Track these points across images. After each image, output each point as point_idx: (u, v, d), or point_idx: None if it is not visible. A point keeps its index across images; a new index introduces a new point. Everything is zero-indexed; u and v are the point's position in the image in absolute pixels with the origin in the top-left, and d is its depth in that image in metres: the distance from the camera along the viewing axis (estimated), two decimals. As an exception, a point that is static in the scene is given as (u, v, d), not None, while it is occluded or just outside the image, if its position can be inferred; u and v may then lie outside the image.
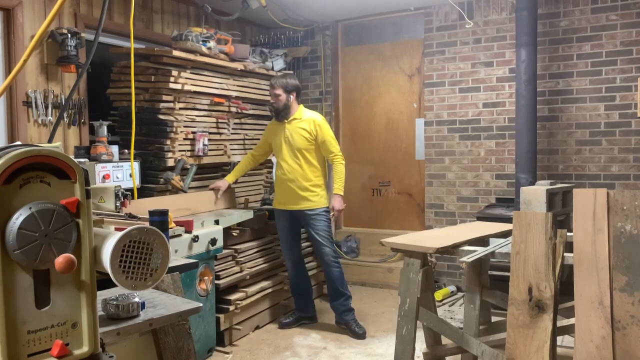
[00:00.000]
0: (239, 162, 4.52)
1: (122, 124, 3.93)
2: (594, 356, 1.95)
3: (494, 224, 3.17)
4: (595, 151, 4.44)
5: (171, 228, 3.01)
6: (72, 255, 0.97)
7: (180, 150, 3.95)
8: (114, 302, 1.61)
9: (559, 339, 3.05)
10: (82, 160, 3.26)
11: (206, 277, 3.42)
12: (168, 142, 3.86)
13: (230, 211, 4.03)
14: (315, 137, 3.92)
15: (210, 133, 4.20)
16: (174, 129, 3.88)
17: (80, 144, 3.75)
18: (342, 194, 3.97)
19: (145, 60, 3.86)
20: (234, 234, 3.84)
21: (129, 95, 3.69)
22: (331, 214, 4.03)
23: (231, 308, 3.66)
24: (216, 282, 3.56)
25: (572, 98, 4.51)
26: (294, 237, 4.10)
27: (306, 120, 3.96)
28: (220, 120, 4.34)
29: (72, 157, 1.06)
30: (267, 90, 4.89)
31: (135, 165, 3.63)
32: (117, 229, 1.13)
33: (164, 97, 3.83)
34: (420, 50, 5.21)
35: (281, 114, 3.95)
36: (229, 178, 4.11)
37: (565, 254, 2.13)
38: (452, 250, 2.53)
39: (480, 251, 2.43)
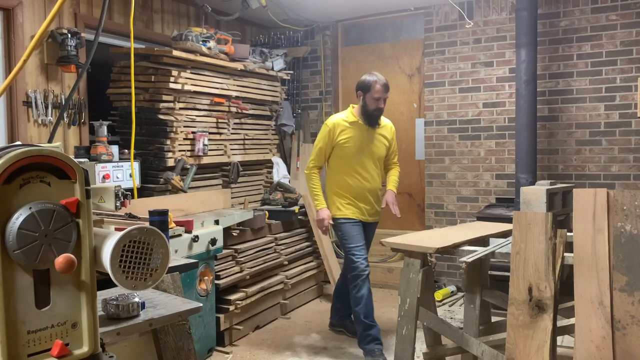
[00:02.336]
0: (238, 162, 4.53)
1: (122, 124, 3.93)
2: (594, 356, 1.95)
3: (494, 224, 3.18)
4: (595, 151, 4.44)
5: (171, 228, 3.01)
6: (72, 255, 0.97)
7: (180, 150, 3.95)
8: (114, 302, 1.61)
9: (559, 339, 3.05)
10: (82, 160, 3.26)
11: (206, 277, 3.42)
12: (168, 142, 3.86)
13: (230, 211, 4.03)
14: (389, 145, 3.67)
15: (210, 133, 4.20)
16: (174, 129, 3.88)
17: (80, 144, 3.75)
18: (395, 192, 3.69)
19: (145, 60, 3.86)
20: (234, 234, 3.84)
21: (129, 95, 3.69)
22: (393, 205, 3.60)
23: (231, 308, 3.66)
24: (216, 282, 3.55)
25: (572, 98, 4.51)
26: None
27: (385, 127, 3.64)
28: (220, 120, 4.34)
29: (72, 157, 1.06)
30: (267, 90, 4.91)
31: (135, 165, 3.64)
32: (117, 229, 1.13)
33: (164, 97, 3.83)
34: (420, 50, 5.21)
35: (379, 119, 3.56)
36: (324, 204, 3.56)
37: (565, 254, 2.13)
38: (452, 250, 2.53)
39: (480, 251, 2.43)
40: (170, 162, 3.87)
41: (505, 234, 2.77)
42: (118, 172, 3.57)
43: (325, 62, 5.55)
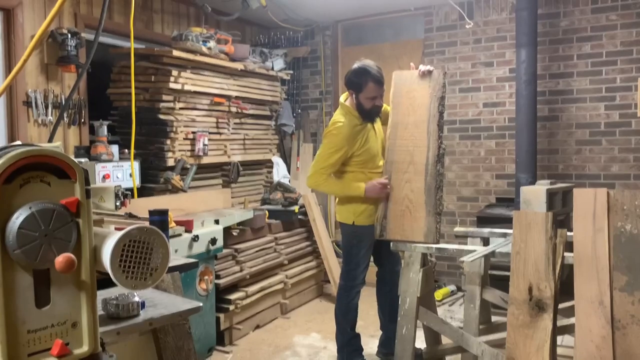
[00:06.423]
0: (238, 162, 4.53)
1: (122, 124, 3.94)
2: (594, 356, 1.95)
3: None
4: (595, 151, 4.44)
5: (171, 228, 3.01)
6: (72, 255, 0.97)
7: (180, 150, 3.95)
8: (114, 302, 1.61)
9: (559, 339, 3.05)
10: (82, 160, 3.26)
11: (206, 277, 3.42)
12: (168, 142, 3.86)
13: (230, 211, 4.03)
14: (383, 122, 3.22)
15: (210, 133, 4.20)
16: (174, 129, 3.89)
17: (80, 143, 3.75)
18: None
19: (145, 60, 3.86)
20: (234, 233, 3.84)
21: (129, 95, 3.69)
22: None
23: (231, 308, 3.66)
24: (216, 281, 3.56)
25: (572, 98, 4.50)
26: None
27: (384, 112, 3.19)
28: (220, 120, 4.34)
29: (72, 157, 1.06)
30: (267, 90, 4.91)
31: (135, 165, 3.64)
32: (117, 229, 1.13)
33: (164, 97, 3.83)
34: (420, 50, 5.20)
35: (379, 113, 3.14)
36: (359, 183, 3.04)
37: (566, 254, 2.13)
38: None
39: (480, 251, 2.43)
40: (170, 162, 3.87)
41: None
42: (118, 171, 3.57)
43: (325, 62, 5.55)
